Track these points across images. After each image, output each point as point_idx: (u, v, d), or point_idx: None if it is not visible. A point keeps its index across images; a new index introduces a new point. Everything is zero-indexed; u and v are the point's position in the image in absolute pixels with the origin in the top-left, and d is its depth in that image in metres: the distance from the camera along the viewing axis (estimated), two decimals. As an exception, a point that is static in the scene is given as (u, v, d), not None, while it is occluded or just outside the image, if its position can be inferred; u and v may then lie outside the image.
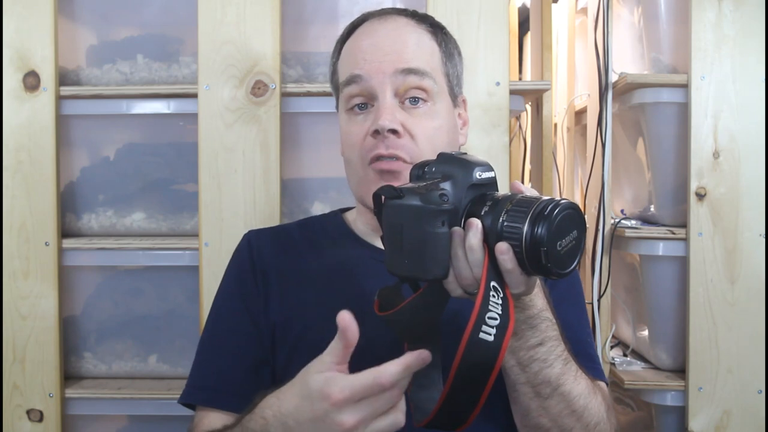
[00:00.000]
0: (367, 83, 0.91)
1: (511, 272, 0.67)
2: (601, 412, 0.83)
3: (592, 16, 1.65)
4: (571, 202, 0.67)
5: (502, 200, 0.69)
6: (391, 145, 0.89)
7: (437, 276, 0.70)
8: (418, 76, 0.91)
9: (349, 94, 0.93)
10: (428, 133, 0.91)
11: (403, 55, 0.91)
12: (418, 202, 0.69)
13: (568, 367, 0.79)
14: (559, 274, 0.67)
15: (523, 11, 2.39)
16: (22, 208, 1.44)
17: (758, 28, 1.45)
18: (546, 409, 0.78)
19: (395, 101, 0.90)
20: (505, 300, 0.66)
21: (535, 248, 0.65)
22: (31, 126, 1.43)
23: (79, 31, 1.53)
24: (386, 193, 0.71)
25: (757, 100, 1.45)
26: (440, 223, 0.69)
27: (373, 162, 0.90)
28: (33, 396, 1.44)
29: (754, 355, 1.45)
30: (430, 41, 0.95)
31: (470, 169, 0.72)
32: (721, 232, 1.45)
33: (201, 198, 1.41)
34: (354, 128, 0.93)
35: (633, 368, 1.59)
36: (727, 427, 1.45)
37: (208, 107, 1.41)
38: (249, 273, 0.99)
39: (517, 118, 2.12)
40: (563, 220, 0.66)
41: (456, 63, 0.98)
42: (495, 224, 0.68)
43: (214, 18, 1.41)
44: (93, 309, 1.53)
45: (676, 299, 1.52)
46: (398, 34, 0.93)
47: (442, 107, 0.93)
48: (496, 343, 0.64)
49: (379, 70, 0.90)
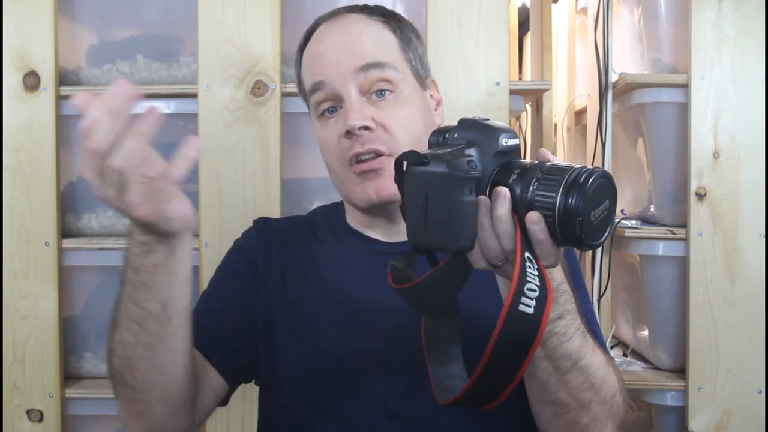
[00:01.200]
0: (330, 87, 0.91)
1: (542, 243, 0.64)
2: (616, 384, 0.82)
3: (592, 16, 1.65)
4: (605, 171, 0.64)
5: (531, 168, 0.65)
6: (367, 141, 0.88)
7: (463, 247, 0.66)
8: (379, 69, 0.90)
9: (317, 101, 0.93)
10: (400, 122, 0.90)
11: (360, 52, 0.91)
12: (445, 168, 0.65)
13: (586, 340, 0.77)
14: (591, 245, 0.64)
15: (523, 11, 2.39)
16: (22, 208, 1.44)
17: (758, 28, 1.45)
18: (565, 384, 0.76)
19: (362, 98, 0.90)
20: (540, 271, 0.63)
21: (569, 218, 0.62)
22: (31, 126, 1.43)
23: (79, 31, 1.53)
24: (410, 158, 0.67)
25: (757, 100, 1.45)
26: (468, 191, 0.65)
27: (352, 164, 0.90)
28: (33, 396, 1.44)
29: (754, 355, 1.45)
30: (384, 31, 0.95)
31: (496, 135, 0.68)
32: (721, 232, 1.45)
33: (201, 198, 1.41)
34: (328, 133, 0.93)
35: (633, 368, 1.59)
36: (727, 427, 1.45)
37: (208, 107, 1.41)
38: (254, 254, 0.99)
39: (517, 118, 2.11)
40: (597, 190, 0.63)
41: (416, 47, 0.97)
42: (525, 193, 0.64)
43: (214, 18, 1.41)
44: (93, 309, 1.53)
45: (676, 299, 1.51)
46: (351, 32, 0.93)
47: (410, 94, 0.93)
48: (536, 315, 0.61)
49: (339, 71, 0.90)
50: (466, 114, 1.15)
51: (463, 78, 1.38)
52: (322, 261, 0.98)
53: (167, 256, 0.72)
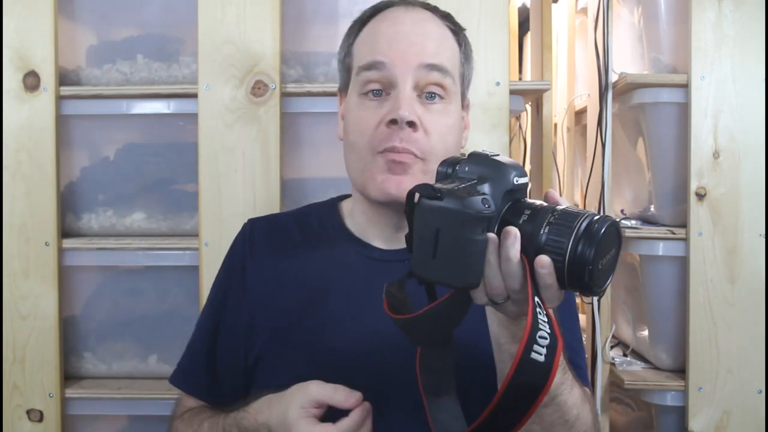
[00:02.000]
0: (389, 71, 0.89)
1: (550, 287, 0.64)
2: (590, 420, 0.83)
3: (592, 16, 1.65)
4: (614, 220, 0.65)
5: (543, 211, 0.66)
6: (405, 138, 0.87)
7: (470, 284, 0.67)
8: (441, 73, 0.90)
9: (367, 79, 0.90)
10: (442, 130, 0.89)
11: (429, 49, 0.90)
12: (459, 206, 0.64)
13: (566, 376, 0.78)
14: (596, 292, 0.65)
15: (523, 11, 2.39)
16: (22, 208, 1.44)
17: (758, 28, 1.45)
18: (541, 418, 0.77)
19: (413, 94, 0.89)
20: (548, 318, 0.63)
21: (579, 266, 0.62)
22: (31, 126, 1.43)
23: (79, 31, 1.53)
24: (423, 191, 0.66)
25: (757, 100, 1.45)
26: (480, 230, 0.65)
27: (383, 151, 0.88)
28: (33, 396, 1.44)
29: (754, 355, 1.45)
30: (452, 39, 0.95)
31: (507, 173, 0.68)
32: (721, 232, 1.45)
33: (201, 198, 1.41)
34: (366, 114, 0.90)
35: (633, 368, 1.59)
36: (727, 427, 1.45)
37: (208, 107, 1.41)
38: (239, 270, 0.99)
39: (517, 118, 2.11)
40: (607, 239, 0.64)
41: (471, 66, 0.98)
42: (536, 236, 0.64)
43: (214, 18, 1.41)
44: (93, 309, 1.53)
45: (676, 299, 1.51)
46: (424, 27, 0.92)
47: (455, 107, 0.93)
48: (547, 363, 0.61)
49: (404, 60, 0.88)
50: (467, 115, 1.13)
51: (463, 78, 1.38)
52: (311, 268, 0.97)
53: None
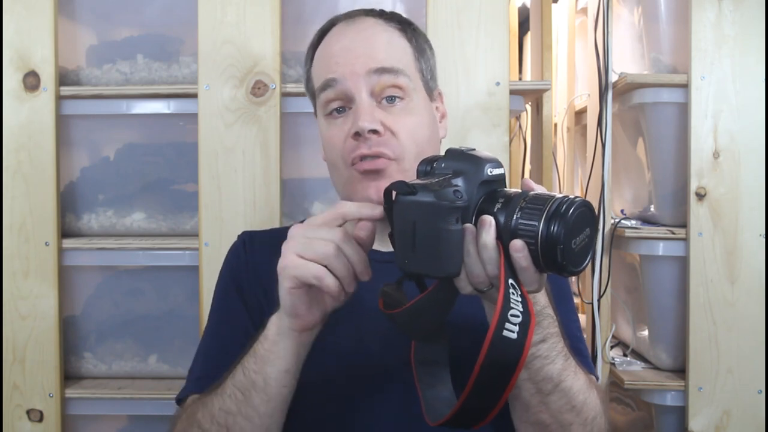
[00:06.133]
0: (342, 86, 0.90)
1: (525, 270, 0.67)
2: (598, 406, 0.84)
3: (592, 16, 1.65)
4: (585, 200, 0.67)
5: (515, 197, 0.68)
6: (374, 145, 0.88)
7: (450, 273, 0.69)
8: (392, 75, 0.90)
9: (326, 99, 0.93)
10: (408, 128, 0.90)
11: (375, 55, 0.91)
12: (432, 198, 0.68)
13: (569, 363, 0.79)
14: (572, 271, 0.67)
15: (523, 11, 2.39)
16: (22, 208, 1.44)
17: (758, 28, 1.45)
18: (547, 405, 0.79)
19: (372, 101, 0.90)
20: (523, 297, 0.66)
21: (551, 246, 0.65)
22: (31, 126, 1.43)
23: (79, 31, 1.53)
24: (398, 188, 0.70)
25: (757, 100, 1.45)
26: (454, 220, 0.68)
27: (356, 163, 0.90)
28: (33, 396, 1.44)
29: (754, 355, 1.45)
30: (400, 39, 0.95)
31: (481, 165, 0.71)
32: (721, 232, 1.45)
33: (201, 198, 1.41)
34: (334, 131, 0.92)
35: (633, 368, 1.59)
36: (727, 427, 1.45)
37: (208, 107, 1.41)
38: (243, 271, 0.99)
39: (517, 118, 2.11)
40: (578, 218, 0.66)
41: (428, 57, 0.98)
42: (509, 222, 0.67)
43: (214, 18, 1.41)
44: (93, 309, 1.53)
45: (676, 299, 1.52)
46: (368, 35, 0.93)
47: (419, 103, 0.93)
48: (519, 340, 0.64)
49: (353, 71, 0.90)
50: (467, 114, 1.15)
51: (463, 78, 1.38)
52: None
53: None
